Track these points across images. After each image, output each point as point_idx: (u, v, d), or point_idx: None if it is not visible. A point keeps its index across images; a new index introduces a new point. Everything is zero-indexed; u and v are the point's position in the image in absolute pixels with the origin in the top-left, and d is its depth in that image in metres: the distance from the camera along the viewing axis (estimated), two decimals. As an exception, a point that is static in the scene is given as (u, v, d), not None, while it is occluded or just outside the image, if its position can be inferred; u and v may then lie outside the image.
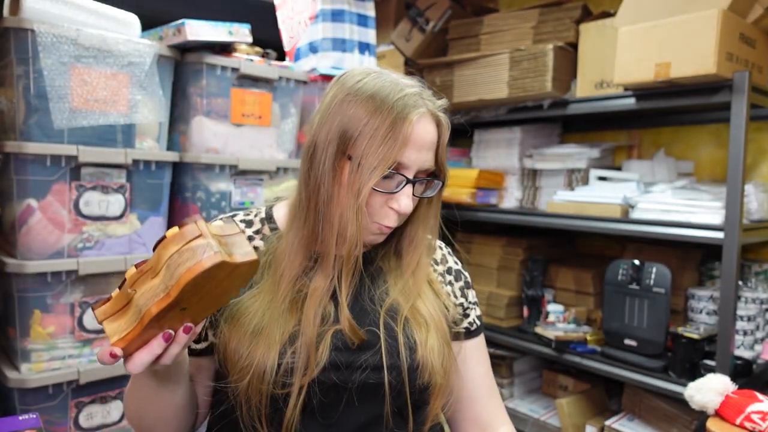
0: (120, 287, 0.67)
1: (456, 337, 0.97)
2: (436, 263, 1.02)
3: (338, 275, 0.88)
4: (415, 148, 0.84)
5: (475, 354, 1.00)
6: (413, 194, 0.87)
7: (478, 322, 1.02)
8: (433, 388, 0.89)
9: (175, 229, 0.65)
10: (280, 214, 0.97)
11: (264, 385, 0.81)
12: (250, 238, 0.94)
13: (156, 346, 0.68)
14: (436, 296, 0.95)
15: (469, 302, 1.02)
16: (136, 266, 0.66)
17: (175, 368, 0.79)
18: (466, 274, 1.05)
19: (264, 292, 0.87)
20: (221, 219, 0.70)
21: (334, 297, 0.88)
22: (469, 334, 1.00)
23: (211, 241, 0.65)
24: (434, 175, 0.91)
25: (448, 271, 1.02)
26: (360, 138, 0.82)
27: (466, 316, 1.00)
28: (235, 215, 0.98)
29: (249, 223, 0.96)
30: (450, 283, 1.01)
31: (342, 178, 0.84)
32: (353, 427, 0.86)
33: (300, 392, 0.81)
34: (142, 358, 0.68)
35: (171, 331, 0.69)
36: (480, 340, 1.02)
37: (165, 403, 0.83)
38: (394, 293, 0.91)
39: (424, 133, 0.85)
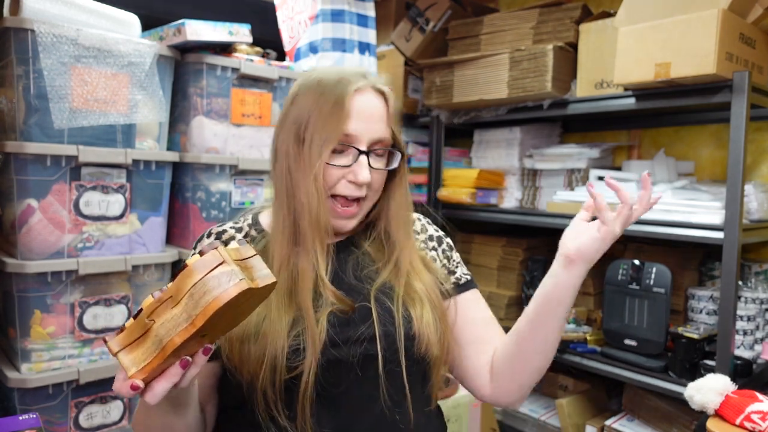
0: (135, 317, 0.66)
1: (445, 295, 0.99)
2: (417, 233, 1.05)
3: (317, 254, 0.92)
4: (360, 120, 0.90)
5: (472, 302, 1.02)
6: (373, 167, 0.92)
7: (468, 277, 1.04)
8: (432, 361, 0.92)
9: (196, 257, 0.65)
10: (267, 221, 1.01)
11: (278, 374, 0.82)
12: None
13: (174, 374, 0.68)
14: (428, 270, 0.98)
15: (454, 261, 1.05)
16: (153, 295, 0.66)
17: (186, 390, 0.79)
18: (448, 239, 1.08)
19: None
20: (236, 241, 0.71)
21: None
22: (459, 287, 1.02)
23: (235, 268, 0.65)
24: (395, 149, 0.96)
25: (430, 238, 1.05)
26: (309, 121, 0.90)
27: (452, 273, 1.03)
28: (223, 224, 1.01)
29: (239, 230, 1.00)
30: (433, 248, 1.04)
31: (301, 161, 0.90)
32: (357, 400, 0.87)
33: (310, 370, 0.83)
34: (162, 386, 0.68)
35: (189, 357, 0.68)
36: (475, 293, 1.04)
37: (176, 425, 0.83)
38: (385, 273, 0.94)
39: (366, 104, 0.91)
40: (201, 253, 0.65)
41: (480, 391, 1.01)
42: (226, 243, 0.96)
